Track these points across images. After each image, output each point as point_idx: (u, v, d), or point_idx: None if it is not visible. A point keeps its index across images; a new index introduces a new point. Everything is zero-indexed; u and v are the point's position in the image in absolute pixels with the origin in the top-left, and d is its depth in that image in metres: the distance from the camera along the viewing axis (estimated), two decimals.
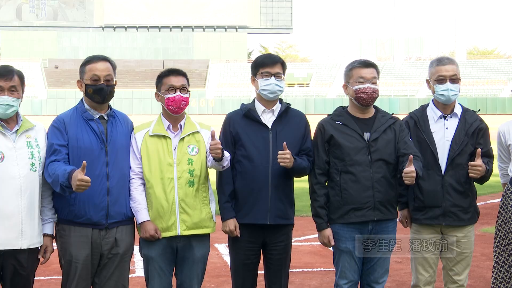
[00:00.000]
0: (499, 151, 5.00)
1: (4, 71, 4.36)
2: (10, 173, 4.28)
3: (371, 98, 4.69)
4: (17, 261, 4.38)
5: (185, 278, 4.74)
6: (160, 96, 4.69)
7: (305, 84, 72.34)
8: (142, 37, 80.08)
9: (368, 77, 4.69)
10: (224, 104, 59.88)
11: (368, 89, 4.65)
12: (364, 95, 4.66)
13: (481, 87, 61.26)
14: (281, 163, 4.55)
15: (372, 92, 4.66)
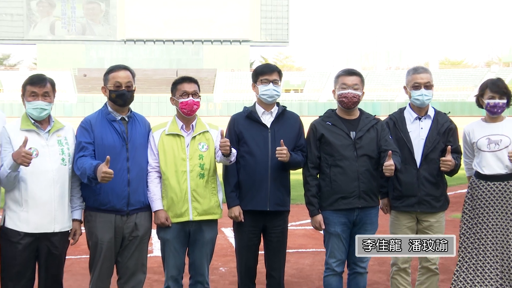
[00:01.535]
0: (464, 148, 5.00)
1: (38, 79, 4.38)
2: (44, 167, 4.29)
3: (351, 102, 4.70)
4: (51, 243, 4.39)
5: (196, 257, 4.74)
6: (175, 100, 4.70)
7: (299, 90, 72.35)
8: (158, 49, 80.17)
9: (349, 84, 4.70)
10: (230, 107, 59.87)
11: (348, 94, 4.67)
12: (345, 99, 4.69)
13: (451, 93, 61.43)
14: (279, 157, 4.56)
15: (352, 97, 4.68)
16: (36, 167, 4.22)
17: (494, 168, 4.81)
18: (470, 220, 4.91)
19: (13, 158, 4.05)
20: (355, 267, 4.87)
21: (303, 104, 59.70)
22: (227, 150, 4.39)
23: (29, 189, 4.30)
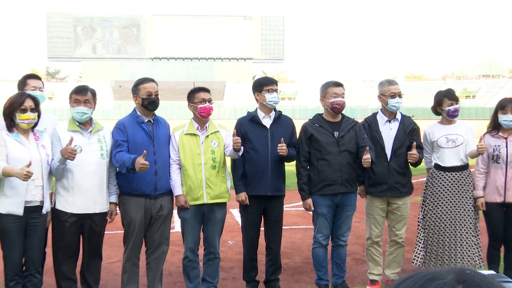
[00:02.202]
0: (424, 145, 4.99)
1: (81, 89, 4.44)
2: (86, 160, 4.32)
3: (342, 108, 4.74)
4: (92, 221, 4.41)
5: (209, 233, 4.74)
6: (193, 106, 4.68)
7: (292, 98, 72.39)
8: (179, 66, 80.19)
9: (339, 93, 4.73)
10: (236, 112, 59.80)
11: (340, 101, 4.70)
12: (338, 106, 4.70)
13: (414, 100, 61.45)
14: (280, 152, 4.58)
15: (342, 103, 4.73)
16: (81, 161, 4.26)
17: (452, 161, 4.83)
18: (430, 202, 4.89)
19: (61, 153, 4.13)
20: (337, 241, 4.87)
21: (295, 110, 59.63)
22: (239, 146, 4.45)
23: (75, 178, 4.32)
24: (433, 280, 0.55)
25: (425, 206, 4.93)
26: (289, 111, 58.29)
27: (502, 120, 4.69)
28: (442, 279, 0.55)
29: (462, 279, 0.55)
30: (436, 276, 0.56)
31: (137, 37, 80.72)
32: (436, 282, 0.55)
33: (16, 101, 4.04)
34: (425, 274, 0.57)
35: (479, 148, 4.60)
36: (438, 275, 0.57)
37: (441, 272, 0.57)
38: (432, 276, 0.56)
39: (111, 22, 79.99)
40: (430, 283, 0.55)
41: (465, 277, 0.55)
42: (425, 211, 4.93)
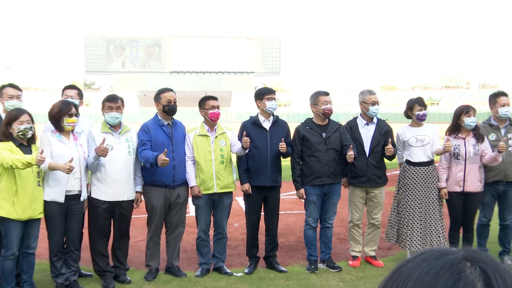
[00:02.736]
0: (397, 144, 4.97)
1: (113, 98, 4.45)
2: (116, 157, 4.32)
3: (331, 113, 4.75)
4: (121, 207, 4.41)
5: (218, 217, 4.74)
6: (204, 111, 4.68)
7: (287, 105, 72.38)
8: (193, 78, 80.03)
9: (329, 101, 4.75)
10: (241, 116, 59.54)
11: (330, 108, 4.73)
12: (328, 111, 4.71)
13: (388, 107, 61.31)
14: (281, 149, 4.60)
15: (331, 109, 4.75)
16: (111, 157, 4.25)
17: (420, 157, 4.81)
18: (402, 192, 4.87)
19: (95, 151, 4.12)
20: (325, 223, 4.86)
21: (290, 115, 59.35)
22: (248, 145, 4.49)
23: (107, 171, 4.32)
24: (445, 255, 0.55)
25: (398, 195, 4.91)
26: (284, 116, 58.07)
27: (467, 123, 4.65)
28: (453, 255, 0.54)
29: (470, 256, 0.54)
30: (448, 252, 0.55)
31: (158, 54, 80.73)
32: (447, 257, 0.54)
33: (65, 107, 4.05)
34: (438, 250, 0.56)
35: (446, 147, 4.58)
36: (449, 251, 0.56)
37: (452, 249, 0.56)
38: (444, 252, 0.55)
39: (137, 42, 80.00)
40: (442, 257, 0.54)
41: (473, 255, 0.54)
42: (399, 200, 4.90)
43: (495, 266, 0.52)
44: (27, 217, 3.87)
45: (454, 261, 0.53)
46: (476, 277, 0.51)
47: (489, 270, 0.51)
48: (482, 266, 0.52)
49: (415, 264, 0.55)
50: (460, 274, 0.51)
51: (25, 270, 4.00)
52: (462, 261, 0.53)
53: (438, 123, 5.74)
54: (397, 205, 4.92)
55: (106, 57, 79.00)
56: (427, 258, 0.55)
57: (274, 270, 4.75)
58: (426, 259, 0.55)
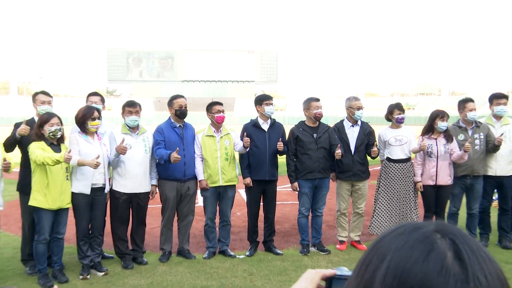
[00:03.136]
0: (378, 143, 4.95)
1: (132, 103, 4.44)
2: (135, 154, 4.32)
3: (321, 116, 4.74)
4: (139, 198, 4.40)
5: (223, 206, 4.72)
6: (211, 115, 4.66)
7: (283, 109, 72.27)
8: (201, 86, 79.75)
9: (319, 106, 4.74)
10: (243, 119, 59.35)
11: (321, 112, 4.73)
12: (319, 115, 4.71)
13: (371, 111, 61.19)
14: (278, 148, 4.61)
15: (322, 113, 4.74)
16: (130, 155, 4.25)
17: (399, 155, 4.79)
18: (383, 186, 4.86)
19: (116, 150, 4.11)
20: (316, 212, 4.84)
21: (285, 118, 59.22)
22: (248, 144, 4.48)
23: (126, 167, 4.30)
24: (419, 229, 0.53)
25: (379, 188, 4.90)
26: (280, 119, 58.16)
27: (440, 126, 4.65)
28: (425, 228, 0.53)
29: (440, 229, 0.53)
30: (421, 226, 0.54)
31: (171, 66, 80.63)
32: (421, 230, 0.53)
33: (88, 112, 4.05)
34: (412, 224, 0.55)
35: (422, 146, 4.59)
36: (422, 225, 0.54)
37: (424, 223, 0.55)
38: (418, 226, 0.54)
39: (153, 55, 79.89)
40: (416, 231, 0.53)
41: (443, 227, 0.53)
42: (379, 192, 4.89)
43: (463, 237, 0.52)
44: (57, 207, 3.86)
45: (427, 234, 0.52)
46: (446, 247, 0.50)
47: (458, 240, 0.51)
48: (451, 237, 0.51)
49: (391, 238, 0.54)
50: (433, 245, 0.50)
51: (55, 253, 3.99)
52: (433, 233, 0.52)
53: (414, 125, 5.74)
54: (379, 196, 4.91)
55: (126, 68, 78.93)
56: (402, 232, 0.54)
57: (271, 253, 4.74)
58: (401, 233, 0.54)
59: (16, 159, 3.94)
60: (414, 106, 67.92)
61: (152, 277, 4.07)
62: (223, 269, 4.24)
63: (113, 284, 3.91)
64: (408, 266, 0.49)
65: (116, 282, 3.94)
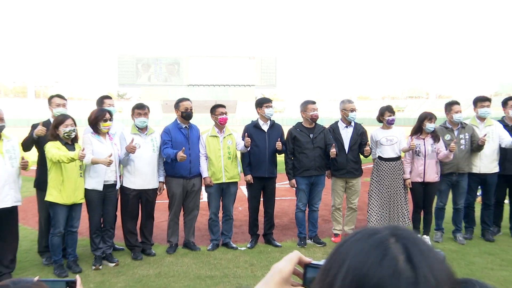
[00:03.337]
0: (371, 144, 4.94)
1: (141, 106, 4.43)
2: (143, 153, 4.32)
3: (317, 118, 4.73)
4: (147, 194, 4.39)
5: (226, 202, 4.71)
6: (215, 117, 4.65)
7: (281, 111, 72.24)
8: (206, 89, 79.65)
9: (316, 108, 4.74)
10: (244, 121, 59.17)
11: (316, 114, 4.72)
12: (315, 117, 4.70)
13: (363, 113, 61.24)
14: (277, 147, 4.60)
15: (317, 115, 4.73)
16: (139, 154, 4.25)
17: (390, 154, 4.79)
18: (375, 182, 4.85)
19: (126, 149, 4.11)
20: (312, 207, 4.83)
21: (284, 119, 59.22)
22: (249, 144, 4.47)
23: (135, 165, 4.30)
24: (374, 234, 0.53)
25: (372, 185, 4.89)
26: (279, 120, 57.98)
27: (428, 127, 4.64)
28: (380, 234, 0.53)
29: (394, 233, 0.53)
30: (376, 232, 0.54)
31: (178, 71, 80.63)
32: (376, 236, 0.53)
33: (100, 114, 4.05)
34: (369, 230, 0.55)
35: (411, 146, 4.59)
36: (378, 231, 0.54)
37: (379, 228, 0.55)
38: (373, 232, 0.54)
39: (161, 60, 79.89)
40: (372, 237, 0.53)
41: (397, 232, 0.53)
42: (372, 189, 4.88)
43: (414, 240, 0.52)
44: (71, 202, 3.87)
45: (382, 239, 0.52)
46: (399, 251, 0.50)
47: (410, 244, 0.51)
48: (404, 242, 0.51)
49: (350, 244, 0.54)
50: (386, 250, 0.50)
51: (69, 245, 3.99)
52: (388, 238, 0.52)
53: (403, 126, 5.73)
54: (372, 192, 4.89)
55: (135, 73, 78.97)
56: (360, 238, 0.54)
57: (271, 245, 4.74)
58: (359, 239, 0.54)
59: (33, 158, 3.94)
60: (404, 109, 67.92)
61: (160, 267, 4.07)
62: (226, 260, 4.23)
63: (123, 274, 3.91)
64: (365, 270, 0.49)
65: (126, 272, 3.94)
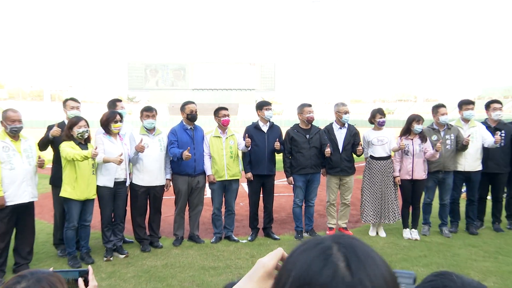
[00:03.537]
0: (363, 144, 4.93)
1: (149, 108, 4.43)
2: (151, 153, 4.31)
3: (313, 120, 4.72)
4: (155, 190, 4.38)
5: (228, 198, 4.71)
6: (218, 118, 4.64)
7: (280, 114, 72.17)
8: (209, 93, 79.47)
9: (311, 111, 4.72)
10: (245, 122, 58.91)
11: (312, 116, 4.70)
12: (311, 118, 4.69)
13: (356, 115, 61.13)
14: (276, 147, 4.58)
15: (313, 117, 4.71)
16: (147, 153, 4.24)
17: (381, 153, 4.78)
18: (367, 180, 4.85)
19: (135, 148, 4.10)
20: (308, 203, 4.83)
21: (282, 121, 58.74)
22: (249, 144, 4.46)
23: (144, 163, 4.28)
24: (318, 244, 0.53)
25: (364, 183, 4.88)
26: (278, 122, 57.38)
27: (416, 128, 4.64)
28: (324, 243, 0.53)
29: (337, 240, 0.53)
30: (320, 241, 0.54)
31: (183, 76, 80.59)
32: (319, 246, 0.53)
33: (111, 116, 4.05)
34: (313, 240, 0.55)
35: (401, 146, 4.58)
36: (321, 241, 0.54)
37: (324, 238, 0.55)
38: (318, 241, 0.54)
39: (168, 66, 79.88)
40: (316, 247, 0.53)
41: (339, 240, 0.53)
42: (364, 186, 4.88)
43: (354, 248, 0.52)
44: (84, 198, 3.86)
45: (324, 249, 0.52)
46: (340, 259, 0.50)
47: (348, 251, 0.51)
48: (343, 250, 0.51)
49: (297, 255, 0.54)
50: (328, 259, 0.50)
51: (82, 238, 3.99)
52: (331, 247, 0.52)
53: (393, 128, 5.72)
54: (365, 189, 4.89)
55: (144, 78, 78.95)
56: (305, 249, 0.54)
57: (270, 238, 4.73)
58: (304, 250, 0.54)
59: (49, 157, 3.94)
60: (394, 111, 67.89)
61: (167, 258, 4.06)
62: (228, 252, 4.23)
63: (132, 265, 3.91)
64: (308, 279, 0.50)
65: (136, 263, 3.94)
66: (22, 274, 0.98)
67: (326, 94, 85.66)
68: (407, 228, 4.81)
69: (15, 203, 3.60)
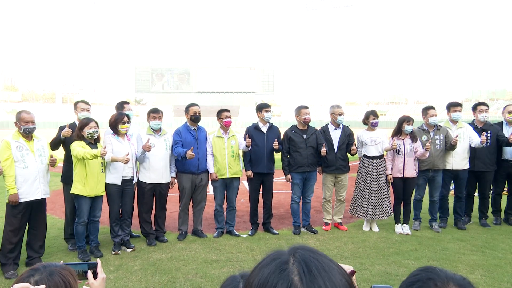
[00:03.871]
0: (357, 144, 4.93)
1: (155, 110, 4.41)
2: (157, 152, 4.29)
3: (309, 121, 4.71)
4: (161, 188, 4.37)
5: (230, 195, 4.70)
6: (220, 120, 4.64)
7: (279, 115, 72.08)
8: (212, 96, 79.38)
9: (308, 112, 4.70)
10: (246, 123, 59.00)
11: (309, 117, 4.69)
12: (308, 120, 4.68)
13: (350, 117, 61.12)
14: (274, 147, 4.58)
15: (310, 118, 4.70)
16: (154, 152, 4.24)
17: (374, 153, 4.77)
18: (361, 178, 4.84)
19: (142, 148, 4.09)
20: (305, 199, 4.81)
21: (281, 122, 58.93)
22: (249, 144, 4.47)
23: (150, 162, 4.28)
24: (276, 259, 0.53)
25: (358, 180, 4.87)
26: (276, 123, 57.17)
27: (406, 129, 4.65)
28: (281, 258, 0.53)
29: (293, 252, 0.53)
30: (278, 255, 0.54)
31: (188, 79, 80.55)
32: (276, 261, 0.53)
33: (119, 117, 4.05)
34: (273, 255, 0.55)
35: (393, 146, 4.58)
36: (279, 255, 0.54)
37: (282, 252, 0.55)
38: (276, 256, 0.54)
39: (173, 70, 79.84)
40: (273, 262, 0.53)
41: (295, 252, 0.53)
42: (358, 183, 4.87)
43: (306, 261, 0.52)
44: (93, 195, 3.86)
45: (279, 263, 0.52)
46: (294, 272, 0.50)
47: (302, 265, 0.51)
48: (297, 265, 0.51)
49: (258, 270, 0.54)
50: (281, 273, 0.50)
51: (92, 232, 3.99)
52: (287, 261, 0.52)
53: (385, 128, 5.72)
54: (358, 186, 4.89)
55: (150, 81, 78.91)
56: (264, 265, 0.54)
57: (269, 232, 4.72)
58: (265, 265, 0.54)
59: (60, 156, 3.93)
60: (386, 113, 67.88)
61: (172, 252, 4.06)
62: (230, 246, 4.23)
63: (139, 258, 3.90)
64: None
65: (142, 257, 3.94)
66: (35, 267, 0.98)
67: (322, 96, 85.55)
68: (398, 223, 4.81)
69: (28, 199, 3.59)
